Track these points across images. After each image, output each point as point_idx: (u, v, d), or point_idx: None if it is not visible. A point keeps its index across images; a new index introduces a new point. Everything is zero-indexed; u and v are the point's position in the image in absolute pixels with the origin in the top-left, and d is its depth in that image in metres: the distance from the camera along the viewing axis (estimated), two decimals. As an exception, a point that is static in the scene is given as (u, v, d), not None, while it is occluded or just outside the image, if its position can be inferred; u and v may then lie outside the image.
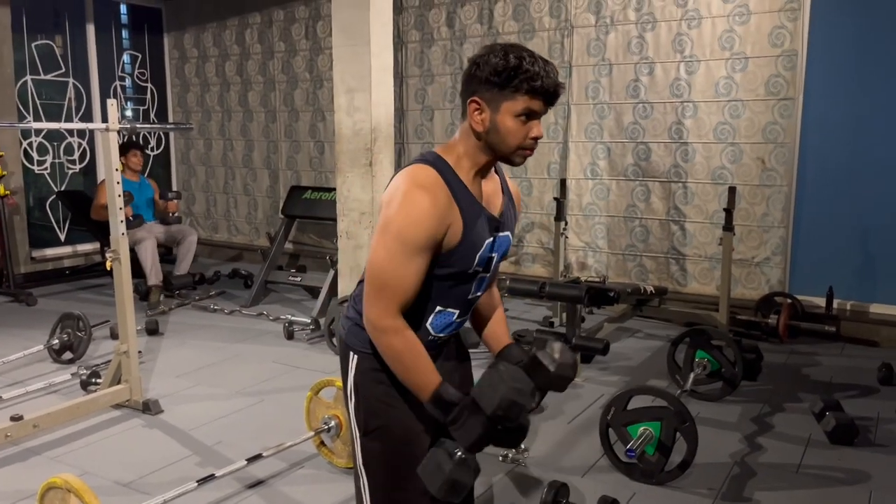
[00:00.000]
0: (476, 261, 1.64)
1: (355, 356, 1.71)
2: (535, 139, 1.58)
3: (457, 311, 1.71)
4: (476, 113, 1.57)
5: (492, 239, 1.66)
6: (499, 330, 1.88)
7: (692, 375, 3.66)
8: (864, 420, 3.53)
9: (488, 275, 1.72)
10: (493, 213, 1.67)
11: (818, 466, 3.12)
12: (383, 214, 1.56)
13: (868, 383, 4.10)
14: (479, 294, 1.75)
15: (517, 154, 1.60)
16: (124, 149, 6.13)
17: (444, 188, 1.56)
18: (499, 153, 1.60)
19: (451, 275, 1.62)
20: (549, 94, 1.54)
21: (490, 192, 1.68)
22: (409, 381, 1.59)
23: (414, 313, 1.62)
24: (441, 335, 1.72)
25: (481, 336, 1.90)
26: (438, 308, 1.67)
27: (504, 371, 1.52)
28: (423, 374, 1.57)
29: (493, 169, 1.70)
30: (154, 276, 5.78)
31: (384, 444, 1.69)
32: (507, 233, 1.73)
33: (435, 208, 1.52)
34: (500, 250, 1.71)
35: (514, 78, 1.51)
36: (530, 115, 1.55)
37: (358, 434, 1.72)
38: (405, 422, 1.68)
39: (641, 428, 2.93)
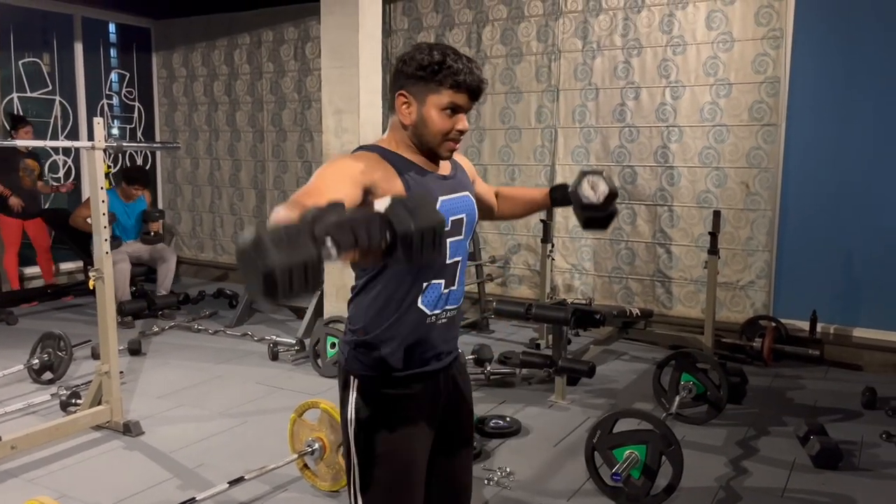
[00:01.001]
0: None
1: (356, 380, 1.69)
2: (461, 132, 1.64)
3: (442, 281, 1.69)
4: (404, 106, 1.63)
5: (449, 198, 1.68)
6: (528, 191, 2.11)
7: (678, 398, 3.66)
8: (849, 444, 3.54)
9: (461, 238, 1.72)
10: (442, 173, 1.71)
11: (803, 490, 3.12)
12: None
13: (852, 407, 4.12)
14: (458, 258, 1.71)
15: (443, 146, 1.65)
16: (135, 181, 6.24)
17: (380, 161, 1.61)
18: (426, 145, 1.65)
19: None
20: (472, 89, 1.61)
21: (436, 166, 1.71)
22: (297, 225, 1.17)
23: (405, 297, 1.63)
24: (436, 311, 1.69)
25: (524, 206, 2.09)
26: (424, 284, 1.66)
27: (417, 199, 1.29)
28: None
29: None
30: (122, 296, 5.81)
31: (384, 470, 1.67)
32: (466, 193, 1.75)
33: (355, 162, 1.57)
34: (465, 211, 1.72)
35: (439, 72, 1.58)
36: (455, 109, 1.61)
37: (356, 459, 1.70)
38: (406, 446, 1.67)
39: (627, 451, 2.92)
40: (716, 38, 5.18)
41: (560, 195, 2.04)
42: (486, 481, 3.10)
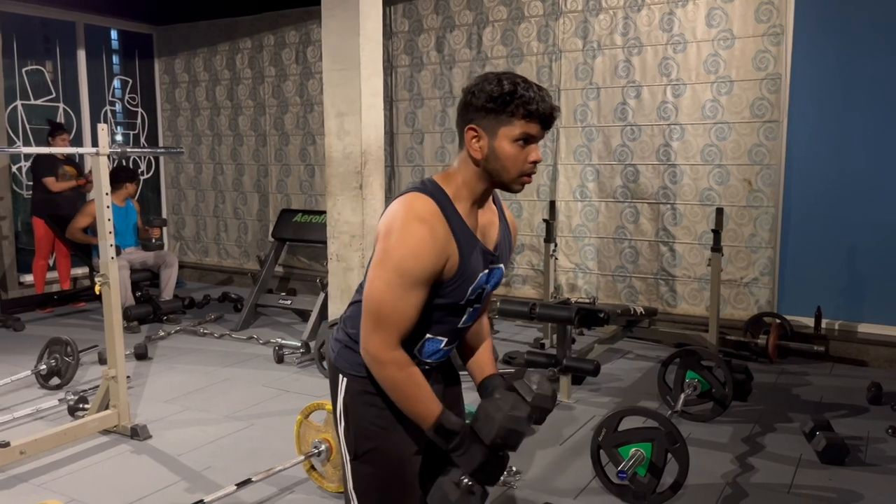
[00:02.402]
0: (469, 293, 1.64)
1: (345, 379, 1.70)
2: (535, 163, 1.59)
3: (445, 339, 1.71)
4: (474, 140, 1.57)
5: (486, 272, 1.67)
6: (484, 359, 1.86)
7: (683, 396, 3.67)
8: (855, 440, 3.54)
9: (479, 305, 1.73)
10: (489, 247, 1.67)
11: (809, 486, 3.12)
12: (381, 245, 1.55)
13: (857, 403, 4.11)
14: (468, 325, 1.75)
15: (517, 181, 1.60)
16: (121, 179, 6.18)
17: (441, 220, 1.55)
18: (498, 180, 1.60)
19: (444, 305, 1.62)
20: (545, 117, 1.55)
21: (486, 223, 1.68)
22: (409, 411, 1.59)
23: (404, 341, 1.61)
24: (429, 361, 1.72)
25: (466, 364, 1.89)
26: (428, 336, 1.67)
27: (501, 400, 1.56)
28: (425, 403, 1.58)
29: (490, 199, 1.70)
30: (125, 302, 5.81)
31: (375, 468, 1.68)
32: (501, 265, 1.73)
33: (433, 241, 1.52)
34: (493, 282, 1.72)
35: (510, 103, 1.52)
36: (528, 140, 1.56)
37: (348, 458, 1.71)
38: (397, 444, 1.67)
39: (633, 449, 2.92)
40: (716, 35, 5.18)
41: (489, 382, 1.82)
42: (492, 481, 3.10)
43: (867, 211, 4.87)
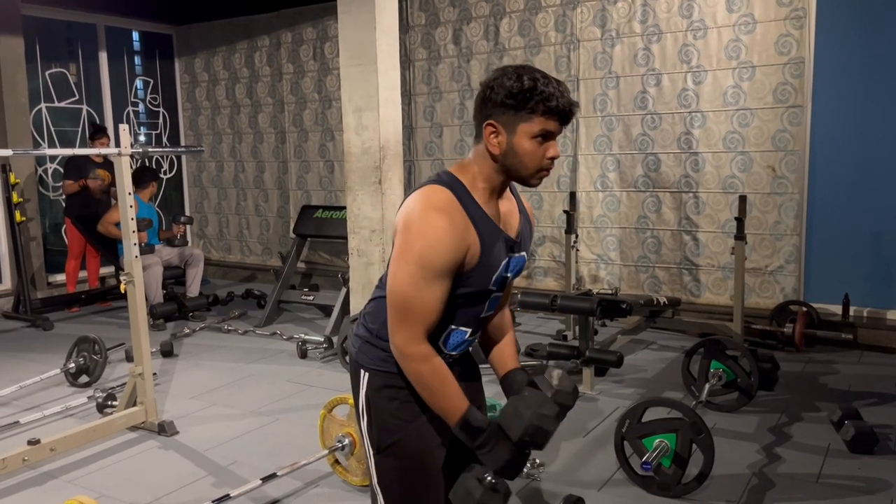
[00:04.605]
0: (492, 281, 1.64)
1: (366, 373, 1.71)
2: (552, 159, 1.58)
3: (469, 330, 1.71)
4: (492, 136, 1.56)
5: (507, 260, 1.66)
6: (506, 353, 1.85)
7: (707, 386, 3.64)
8: (884, 428, 3.48)
9: (501, 294, 1.73)
10: (510, 234, 1.67)
11: (838, 476, 3.07)
12: (401, 239, 1.55)
13: (887, 391, 4.05)
14: (490, 313, 1.75)
15: (535, 176, 1.59)
16: (147, 179, 6.29)
17: (459, 210, 1.55)
18: (516, 175, 1.59)
19: (467, 294, 1.62)
20: (564, 113, 1.54)
21: (506, 211, 1.68)
22: (436, 406, 1.59)
23: (429, 333, 1.61)
24: (454, 353, 1.72)
25: (488, 358, 1.88)
26: (452, 327, 1.67)
27: (529, 398, 1.56)
28: (451, 398, 1.58)
29: (508, 188, 1.69)
30: (154, 299, 5.90)
31: (399, 461, 1.68)
32: (523, 253, 1.73)
33: (453, 231, 1.52)
34: (515, 270, 1.71)
35: (530, 100, 1.50)
36: (546, 136, 1.55)
37: (371, 452, 1.72)
38: (419, 438, 1.67)
39: (657, 440, 2.90)
40: (737, 20, 5.11)
41: (512, 376, 1.81)
42: (515, 473, 3.10)
43: (895, 195, 4.77)
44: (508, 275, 1.69)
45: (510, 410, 1.56)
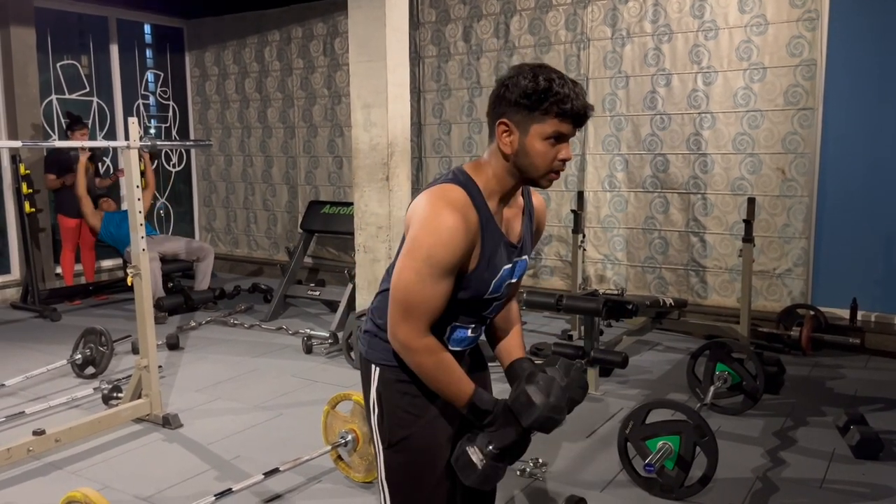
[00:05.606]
0: (491, 287, 1.64)
1: (377, 368, 1.71)
2: (564, 161, 1.57)
3: (471, 327, 1.71)
4: (505, 135, 1.55)
5: (510, 266, 1.66)
6: (513, 343, 1.86)
7: (712, 389, 3.62)
8: (890, 434, 3.46)
9: (502, 300, 1.73)
10: (512, 240, 1.66)
11: (842, 481, 3.06)
12: (411, 234, 1.54)
13: (893, 396, 4.02)
14: (494, 314, 1.76)
15: (545, 178, 1.58)
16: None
17: (473, 211, 1.55)
18: (527, 176, 1.59)
19: (466, 299, 1.63)
20: (578, 116, 1.53)
21: (510, 216, 1.67)
22: (443, 394, 1.62)
23: (432, 330, 1.61)
24: (458, 349, 1.72)
25: (494, 350, 1.89)
26: (455, 324, 1.67)
27: (543, 385, 1.57)
28: (457, 385, 1.60)
29: (517, 193, 1.68)
30: (154, 294, 5.89)
31: (408, 456, 1.69)
32: (525, 257, 1.73)
33: (466, 230, 1.51)
34: (518, 274, 1.72)
35: (545, 101, 1.49)
36: (559, 138, 1.53)
37: (381, 447, 1.72)
38: (430, 432, 1.68)
39: (660, 442, 2.90)
40: (749, 21, 5.08)
41: (518, 364, 1.81)
42: (518, 472, 3.10)
43: (905, 200, 4.74)
44: (512, 280, 1.70)
45: (522, 396, 1.57)
